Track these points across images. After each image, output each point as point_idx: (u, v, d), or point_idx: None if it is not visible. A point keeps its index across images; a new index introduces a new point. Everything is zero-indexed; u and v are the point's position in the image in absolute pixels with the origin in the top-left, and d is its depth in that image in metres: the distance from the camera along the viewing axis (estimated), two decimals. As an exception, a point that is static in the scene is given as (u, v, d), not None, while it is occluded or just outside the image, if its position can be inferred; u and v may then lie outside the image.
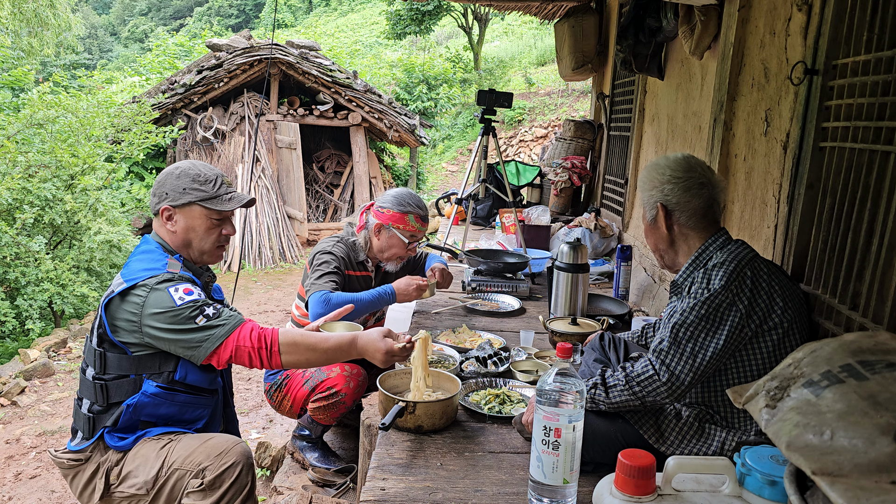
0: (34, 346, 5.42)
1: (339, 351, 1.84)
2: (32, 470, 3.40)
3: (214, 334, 1.76)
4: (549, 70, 18.30)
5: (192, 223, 1.92)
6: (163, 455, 1.83)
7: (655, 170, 1.79)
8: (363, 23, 31.23)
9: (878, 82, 1.64)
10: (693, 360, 1.58)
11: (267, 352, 1.78)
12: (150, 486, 1.82)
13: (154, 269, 1.83)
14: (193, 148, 9.12)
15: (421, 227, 2.70)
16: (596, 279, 3.87)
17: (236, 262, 8.47)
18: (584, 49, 4.84)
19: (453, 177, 15.14)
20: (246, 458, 1.83)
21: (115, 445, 1.86)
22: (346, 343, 1.85)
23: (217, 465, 1.79)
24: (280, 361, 1.79)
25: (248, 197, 1.99)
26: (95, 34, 38.84)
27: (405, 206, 2.67)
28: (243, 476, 1.81)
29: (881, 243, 1.59)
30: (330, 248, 2.66)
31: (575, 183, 5.03)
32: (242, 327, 1.79)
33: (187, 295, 1.78)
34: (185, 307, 1.76)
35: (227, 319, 1.79)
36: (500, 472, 1.70)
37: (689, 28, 2.79)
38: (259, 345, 1.77)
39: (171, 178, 1.92)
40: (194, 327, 1.76)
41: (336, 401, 2.51)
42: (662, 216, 1.76)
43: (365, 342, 1.85)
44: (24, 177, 5.96)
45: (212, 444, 1.83)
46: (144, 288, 1.79)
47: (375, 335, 1.86)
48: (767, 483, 1.31)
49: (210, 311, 1.78)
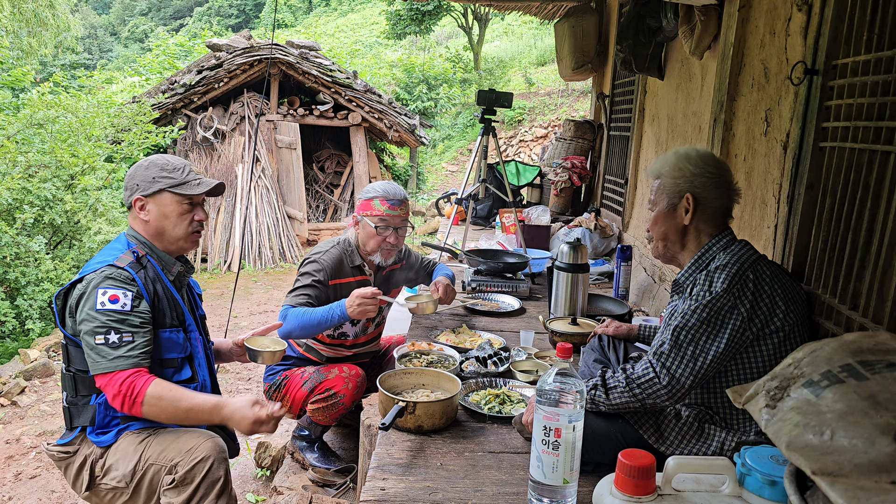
0: (34, 346, 5.42)
1: (201, 412, 1.82)
2: (32, 470, 3.40)
3: (98, 364, 1.79)
4: (549, 70, 18.30)
5: (164, 210, 1.96)
6: (140, 450, 1.87)
7: (687, 160, 1.75)
8: (363, 23, 31.22)
9: (878, 82, 1.64)
10: (694, 364, 1.58)
11: (131, 401, 1.77)
12: (129, 479, 1.86)
13: (102, 262, 1.87)
14: (193, 148, 9.11)
15: (390, 212, 2.54)
16: (596, 279, 3.87)
17: (236, 262, 8.47)
18: (584, 49, 4.84)
19: (453, 177, 15.14)
20: (217, 451, 1.85)
21: (96, 441, 1.92)
22: (209, 405, 1.83)
23: (187, 460, 1.82)
24: (140, 412, 1.79)
25: (216, 182, 2.03)
26: (95, 34, 38.83)
27: (370, 192, 2.58)
28: (214, 470, 1.82)
29: (881, 243, 1.59)
30: (317, 257, 2.57)
31: (575, 183, 5.03)
32: (120, 373, 1.77)
33: (111, 302, 1.80)
34: (100, 315, 1.78)
35: (115, 358, 1.78)
36: (500, 472, 1.70)
37: (689, 28, 2.79)
38: (125, 391, 1.77)
39: (141, 170, 1.98)
40: (91, 343, 1.79)
41: (335, 402, 2.50)
42: (691, 207, 1.72)
43: (232, 409, 1.83)
44: (24, 177, 5.96)
45: (183, 440, 1.86)
46: (86, 283, 1.84)
47: (243, 402, 1.84)
48: (767, 483, 1.31)
49: (113, 337, 1.78)
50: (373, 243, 2.58)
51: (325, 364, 2.66)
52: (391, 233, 2.57)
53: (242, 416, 1.82)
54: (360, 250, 2.65)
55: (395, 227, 2.57)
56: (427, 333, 2.74)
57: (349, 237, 2.67)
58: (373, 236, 2.57)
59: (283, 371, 2.67)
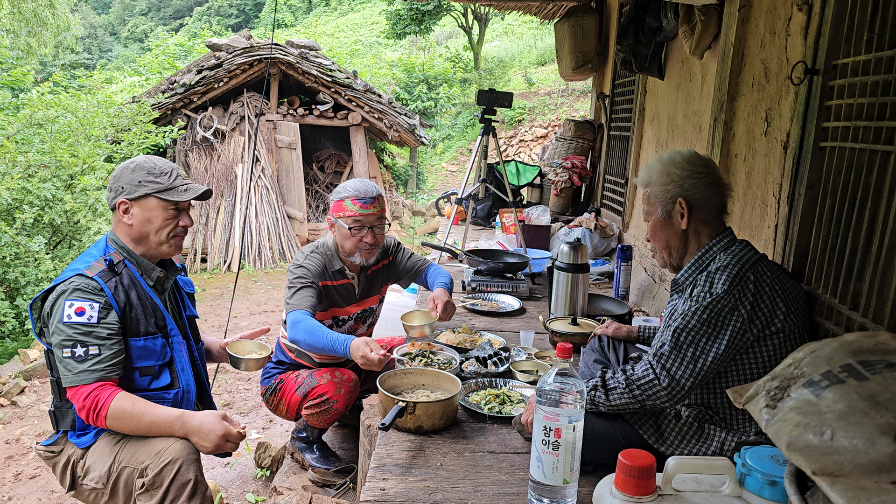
0: (34, 346, 5.42)
1: (164, 425, 1.82)
2: (32, 470, 3.40)
3: (66, 377, 1.79)
4: (549, 70, 18.30)
5: (148, 215, 1.92)
6: (115, 451, 1.87)
7: (672, 164, 1.74)
8: (363, 23, 31.22)
9: (878, 82, 1.64)
10: (694, 365, 1.58)
11: (95, 414, 1.78)
12: (105, 480, 1.86)
13: (75, 270, 1.85)
14: (193, 148, 9.11)
15: (362, 210, 2.45)
16: (596, 279, 3.87)
17: (236, 262, 8.48)
18: (584, 49, 4.84)
19: (453, 177, 15.13)
20: (186, 453, 1.81)
21: (76, 443, 1.93)
22: (172, 419, 1.82)
23: (156, 463, 1.80)
24: (105, 425, 1.80)
25: (203, 188, 1.99)
26: (95, 34, 38.83)
27: (341, 193, 2.50)
28: (184, 472, 1.79)
29: (881, 243, 1.59)
30: (302, 261, 2.50)
31: (575, 183, 5.03)
32: (84, 388, 1.78)
33: (77, 315, 1.78)
34: (66, 327, 1.77)
35: (80, 372, 1.78)
36: (500, 472, 1.69)
37: (690, 28, 2.79)
38: (89, 406, 1.77)
39: (127, 172, 1.92)
40: (59, 356, 1.79)
41: (328, 407, 2.49)
42: (685, 211, 1.72)
43: (198, 423, 1.82)
44: (24, 177, 5.96)
45: (153, 443, 1.84)
46: (54, 293, 1.82)
47: (211, 417, 1.83)
48: (768, 483, 1.31)
49: (79, 350, 1.78)
50: (349, 245, 2.51)
51: (318, 368, 2.63)
52: (367, 232, 2.49)
53: (210, 430, 1.81)
54: (339, 253, 2.59)
55: (370, 225, 2.49)
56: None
57: (327, 241, 2.59)
58: (349, 238, 2.49)
59: (278, 374, 2.67)
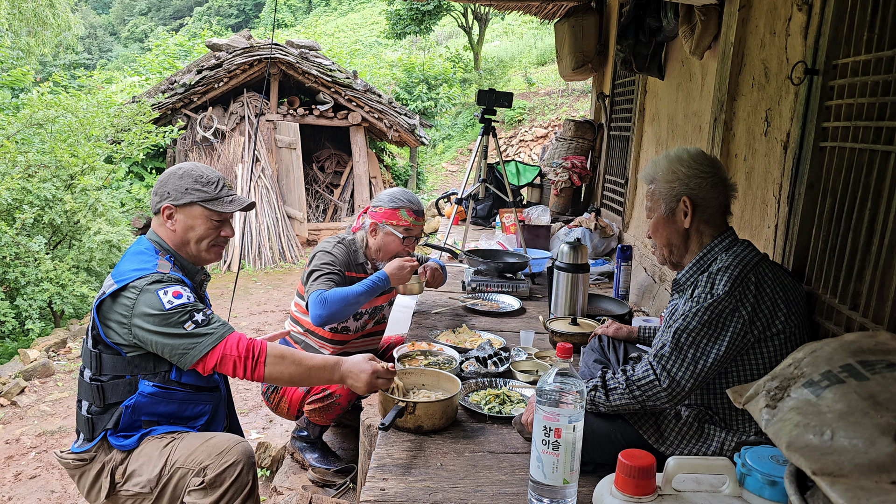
0: (34, 346, 5.43)
1: (323, 369, 1.86)
2: (32, 470, 3.40)
3: (202, 342, 1.76)
4: (549, 70, 18.29)
5: (192, 223, 1.93)
6: (166, 454, 1.84)
7: (679, 162, 1.73)
8: (363, 23, 31.22)
9: (878, 82, 1.64)
10: (694, 367, 1.58)
11: (253, 361, 1.78)
12: (154, 484, 1.83)
13: (144, 270, 1.83)
14: (193, 148, 9.11)
15: (415, 222, 2.66)
16: (596, 279, 3.87)
17: (236, 262, 8.48)
18: (584, 49, 4.84)
19: (453, 177, 15.13)
20: (247, 457, 1.84)
21: (118, 445, 1.87)
22: (331, 363, 1.86)
23: (218, 463, 1.80)
24: (263, 373, 1.79)
25: (248, 200, 2.00)
26: (95, 34, 38.82)
27: (397, 202, 2.66)
28: (244, 475, 1.81)
29: (881, 243, 1.59)
30: (329, 248, 2.63)
31: (575, 183, 5.03)
32: (230, 337, 1.79)
33: (176, 298, 1.78)
34: (174, 311, 1.76)
35: (216, 328, 1.79)
36: (500, 473, 1.69)
37: (690, 28, 2.79)
38: (246, 354, 1.77)
39: (174, 178, 1.93)
40: (182, 333, 1.76)
41: (331, 402, 2.50)
42: (690, 210, 1.71)
43: (350, 365, 1.87)
44: (24, 177, 5.96)
45: (213, 443, 1.84)
46: (134, 289, 1.79)
47: (360, 358, 1.88)
48: (768, 483, 1.31)
49: (199, 317, 1.78)
50: (393, 250, 2.67)
51: None
52: (412, 241, 2.70)
53: (361, 370, 1.85)
54: (367, 252, 2.72)
55: (416, 236, 2.70)
56: (427, 333, 2.74)
57: (356, 239, 2.72)
58: (395, 244, 2.66)
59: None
